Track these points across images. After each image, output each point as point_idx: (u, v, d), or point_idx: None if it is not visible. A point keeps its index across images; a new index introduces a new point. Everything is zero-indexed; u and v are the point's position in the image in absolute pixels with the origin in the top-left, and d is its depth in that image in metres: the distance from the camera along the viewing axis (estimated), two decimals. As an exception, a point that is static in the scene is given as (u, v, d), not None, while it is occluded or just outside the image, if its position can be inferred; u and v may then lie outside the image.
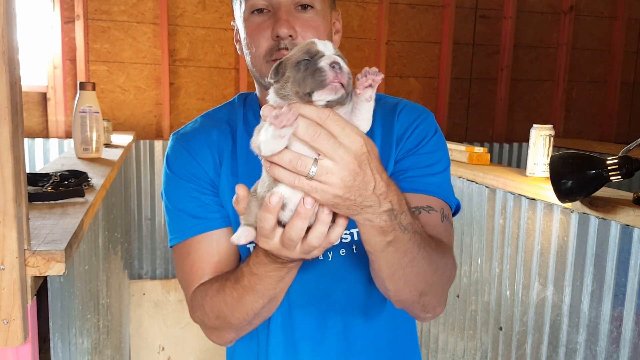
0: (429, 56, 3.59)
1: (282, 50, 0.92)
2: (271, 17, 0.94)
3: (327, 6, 0.99)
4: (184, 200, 0.98)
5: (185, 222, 0.97)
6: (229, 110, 1.06)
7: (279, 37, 0.92)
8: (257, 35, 0.94)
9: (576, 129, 3.94)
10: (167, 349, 3.13)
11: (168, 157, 1.02)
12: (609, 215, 1.48)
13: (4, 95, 0.84)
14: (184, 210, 0.98)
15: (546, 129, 1.83)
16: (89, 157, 1.99)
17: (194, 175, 0.99)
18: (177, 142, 1.02)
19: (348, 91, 0.70)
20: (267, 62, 0.94)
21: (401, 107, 1.03)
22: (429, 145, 1.00)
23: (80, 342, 1.31)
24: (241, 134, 1.02)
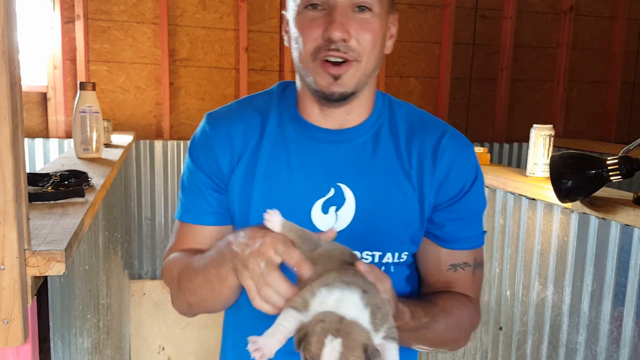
0: (429, 56, 3.59)
1: (331, 51, 0.88)
2: (325, 16, 0.88)
3: (385, 9, 0.94)
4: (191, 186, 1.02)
5: (185, 206, 1.03)
6: (265, 99, 1.02)
7: (330, 40, 0.88)
8: (308, 32, 0.89)
9: (576, 129, 3.94)
10: (167, 349, 3.13)
11: (194, 139, 1.03)
12: (609, 215, 1.48)
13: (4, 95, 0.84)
14: (188, 196, 1.03)
15: (546, 129, 1.83)
16: (89, 157, 1.99)
17: (207, 167, 1.00)
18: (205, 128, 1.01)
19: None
20: (314, 61, 0.90)
21: (446, 140, 0.99)
22: (471, 192, 0.99)
23: (81, 342, 1.31)
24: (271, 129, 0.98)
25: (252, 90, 3.33)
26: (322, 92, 0.91)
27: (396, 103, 1.03)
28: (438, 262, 1.00)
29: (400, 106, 1.03)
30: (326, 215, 0.94)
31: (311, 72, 0.91)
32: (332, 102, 0.93)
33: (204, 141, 1.01)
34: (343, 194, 0.95)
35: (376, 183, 0.96)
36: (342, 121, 0.97)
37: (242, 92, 3.29)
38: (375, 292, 0.77)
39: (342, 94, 0.91)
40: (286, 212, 0.85)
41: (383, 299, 0.77)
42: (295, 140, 0.97)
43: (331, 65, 0.89)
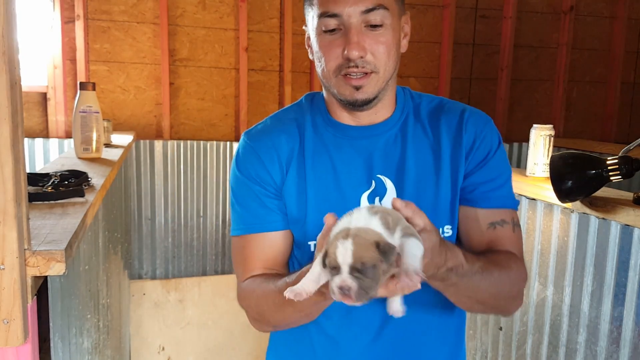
0: (429, 56, 3.59)
1: (351, 68, 0.97)
2: (342, 36, 0.97)
3: (397, 16, 1.04)
4: (248, 199, 1.05)
5: (246, 219, 1.05)
6: (296, 111, 1.10)
7: (349, 59, 0.96)
8: (329, 53, 0.99)
9: (576, 129, 3.94)
10: (167, 349, 3.13)
11: (238, 155, 1.07)
12: (609, 215, 1.48)
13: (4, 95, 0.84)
14: (247, 208, 1.05)
15: (546, 129, 1.83)
16: (89, 157, 1.99)
17: (259, 178, 1.04)
18: (248, 143, 1.07)
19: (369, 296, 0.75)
20: (337, 77, 0.99)
21: (467, 115, 1.09)
22: (497, 156, 1.07)
23: (81, 342, 1.31)
24: (309, 135, 1.06)
25: (252, 90, 3.33)
26: (347, 101, 1.01)
27: (416, 94, 1.13)
28: (477, 223, 1.04)
29: (419, 97, 1.13)
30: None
31: (334, 85, 1.01)
32: (357, 107, 1.02)
33: (250, 155, 1.05)
34: (384, 184, 1.03)
35: (412, 169, 1.04)
36: (371, 119, 1.06)
37: (242, 92, 3.29)
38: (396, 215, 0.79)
39: (365, 100, 1.00)
40: (338, 210, 0.89)
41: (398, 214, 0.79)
42: (333, 141, 1.06)
43: (352, 78, 0.98)
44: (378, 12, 0.97)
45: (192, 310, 3.16)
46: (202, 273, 3.31)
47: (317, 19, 0.99)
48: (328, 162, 1.04)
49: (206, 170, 3.28)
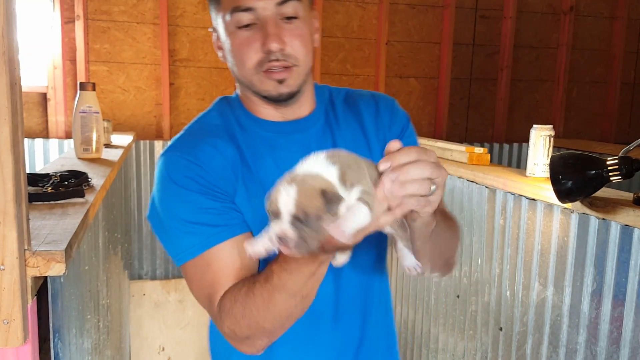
0: (429, 56, 3.59)
1: (272, 61, 0.96)
2: (259, 31, 0.96)
3: (308, 11, 1.02)
4: (198, 212, 0.95)
5: (203, 234, 0.94)
6: (217, 117, 1.06)
7: (269, 51, 0.95)
8: (247, 49, 0.97)
9: (576, 129, 3.94)
10: (167, 349, 3.13)
11: (170, 173, 0.97)
12: (609, 216, 1.48)
13: (4, 96, 0.84)
14: (200, 222, 0.95)
15: (546, 129, 1.83)
16: (89, 158, 1.99)
17: (208, 184, 0.96)
18: (179, 156, 0.98)
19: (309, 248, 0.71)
20: (258, 74, 0.98)
21: (378, 98, 1.13)
22: (409, 129, 1.13)
23: (81, 343, 1.31)
24: (242, 139, 1.02)
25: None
26: (272, 96, 1.00)
27: (334, 89, 1.15)
28: None
29: (338, 91, 1.15)
30: None
31: (256, 82, 0.99)
32: (282, 102, 1.02)
33: (188, 166, 0.96)
34: None
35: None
36: (296, 114, 1.06)
37: (242, 93, 3.28)
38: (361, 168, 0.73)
39: (290, 93, 1.00)
40: None
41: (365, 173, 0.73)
42: (268, 140, 1.03)
43: (274, 72, 0.98)
44: (291, 3, 0.96)
45: (192, 310, 3.16)
46: (202, 273, 3.30)
47: (229, 15, 0.96)
48: (271, 162, 1.01)
49: (206, 170, 3.27)
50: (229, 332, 0.93)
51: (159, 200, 0.98)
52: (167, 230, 0.98)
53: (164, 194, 0.97)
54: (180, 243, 0.96)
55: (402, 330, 2.73)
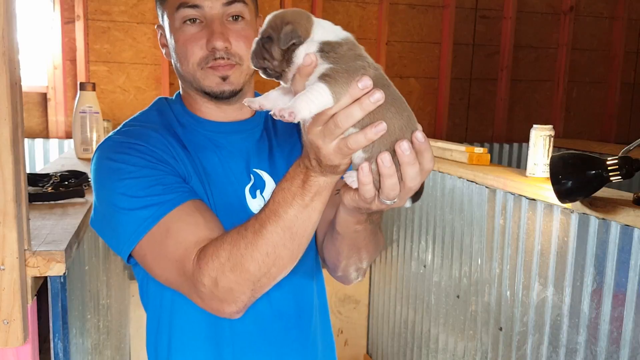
0: (429, 56, 3.59)
1: (218, 59, 0.97)
2: (204, 28, 0.97)
3: (254, 13, 1.05)
4: (150, 186, 0.90)
5: (154, 205, 0.89)
6: (157, 116, 1.05)
7: (214, 49, 0.97)
8: (191, 45, 0.98)
9: (576, 129, 3.94)
10: (167, 349, 3.12)
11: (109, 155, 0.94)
12: (609, 216, 1.48)
13: (4, 96, 0.84)
14: (149, 195, 0.90)
15: (546, 129, 1.83)
16: (89, 158, 1.99)
17: (155, 159, 0.94)
18: (118, 140, 0.96)
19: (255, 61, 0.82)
20: (202, 69, 0.99)
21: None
22: None
23: (81, 343, 1.31)
24: (183, 135, 1.02)
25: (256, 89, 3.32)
26: (214, 93, 1.00)
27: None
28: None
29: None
30: (255, 199, 1.03)
31: (200, 78, 0.99)
32: (224, 99, 1.02)
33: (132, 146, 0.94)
34: (262, 178, 1.05)
35: (281, 161, 1.07)
36: (237, 116, 1.07)
37: (242, 93, 3.28)
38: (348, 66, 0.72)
39: (232, 91, 1.01)
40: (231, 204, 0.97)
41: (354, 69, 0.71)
42: (211, 139, 1.03)
43: (218, 68, 0.99)
44: (238, 5, 0.99)
45: (192, 310, 3.15)
46: (202, 273, 3.30)
47: (175, 11, 0.97)
48: (215, 157, 1.01)
49: (206, 170, 3.28)
50: (209, 285, 0.84)
51: (98, 190, 0.94)
52: (111, 219, 0.91)
53: (104, 179, 0.92)
54: (129, 223, 0.89)
55: (402, 330, 2.73)
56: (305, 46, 0.72)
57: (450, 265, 2.29)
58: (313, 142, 0.73)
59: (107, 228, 0.94)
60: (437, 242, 2.39)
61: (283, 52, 0.73)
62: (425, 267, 2.49)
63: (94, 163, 0.96)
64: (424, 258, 2.49)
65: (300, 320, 1.08)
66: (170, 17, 0.99)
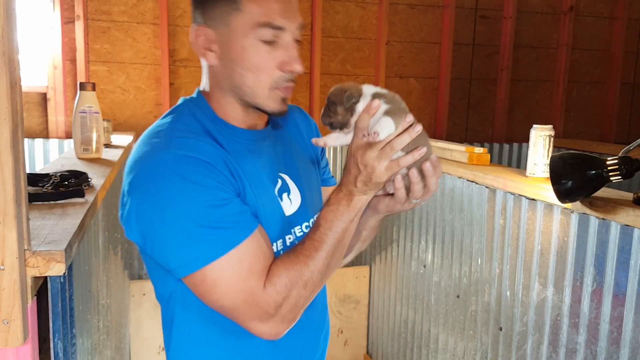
0: (429, 56, 3.59)
1: (289, 82, 1.01)
2: (279, 49, 0.98)
3: None
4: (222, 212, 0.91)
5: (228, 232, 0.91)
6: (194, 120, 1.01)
7: (292, 72, 1.00)
8: (268, 66, 0.98)
9: (576, 129, 3.94)
10: (167, 349, 3.12)
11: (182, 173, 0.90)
12: (609, 216, 1.48)
13: (4, 96, 0.84)
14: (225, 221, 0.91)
15: (546, 129, 1.83)
16: (89, 158, 1.99)
17: (223, 181, 0.94)
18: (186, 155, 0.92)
19: (330, 120, 1.03)
20: (272, 91, 1.00)
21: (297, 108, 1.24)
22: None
23: (81, 343, 1.31)
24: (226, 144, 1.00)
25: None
26: (275, 112, 1.04)
27: None
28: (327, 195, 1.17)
29: None
30: (283, 202, 1.08)
31: (265, 97, 1.01)
32: (277, 116, 1.08)
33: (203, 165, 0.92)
34: (286, 181, 1.10)
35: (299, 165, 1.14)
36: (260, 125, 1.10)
37: (242, 93, 3.28)
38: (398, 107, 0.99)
39: (287, 110, 1.06)
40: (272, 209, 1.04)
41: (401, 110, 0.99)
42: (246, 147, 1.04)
43: (286, 91, 1.02)
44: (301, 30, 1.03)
45: (192, 310, 3.16)
46: (202, 273, 3.30)
47: (255, 28, 0.96)
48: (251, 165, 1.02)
49: (206, 170, 3.28)
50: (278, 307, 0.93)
51: (163, 203, 0.89)
52: (176, 235, 0.90)
53: (174, 195, 0.89)
54: (197, 246, 0.90)
55: (402, 330, 2.73)
56: (363, 101, 0.98)
57: (450, 265, 2.29)
58: (368, 163, 0.94)
59: (166, 242, 0.91)
60: (437, 242, 2.39)
61: (346, 109, 0.99)
62: (425, 267, 2.49)
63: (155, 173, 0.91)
64: (424, 258, 2.49)
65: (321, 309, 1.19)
66: (242, 30, 0.96)
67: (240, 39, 0.97)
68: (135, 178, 0.92)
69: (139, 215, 0.92)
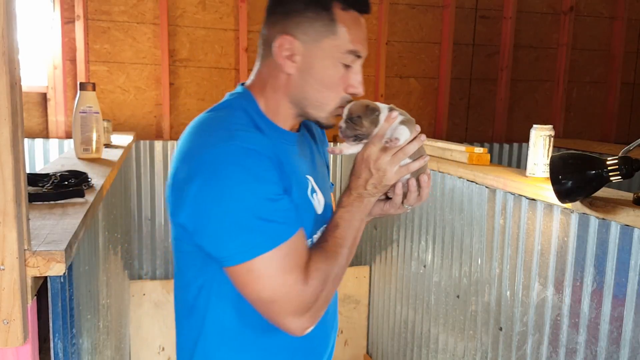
0: (429, 56, 3.59)
1: (347, 101, 1.09)
2: (350, 73, 1.07)
3: None
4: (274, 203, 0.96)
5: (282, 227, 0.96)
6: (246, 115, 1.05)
7: (355, 95, 1.09)
8: (339, 84, 1.07)
9: (576, 129, 3.94)
10: (167, 350, 3.13)
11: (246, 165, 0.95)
12: (609, 216, 1.48)
13: (4, 96, 0.84)
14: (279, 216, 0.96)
15: (546, 129, 1.83)
16: (89, 158, 1.99)
17: (278, 176, 0.99)
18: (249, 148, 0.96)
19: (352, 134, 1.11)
20: (335, 108, 1.09)
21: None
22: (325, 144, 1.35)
23: (81, 343, 1.31)
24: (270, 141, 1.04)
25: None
26: (326, 125, 1.13)
27: None
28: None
29: None
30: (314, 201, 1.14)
31: (327, 112, 1.09)
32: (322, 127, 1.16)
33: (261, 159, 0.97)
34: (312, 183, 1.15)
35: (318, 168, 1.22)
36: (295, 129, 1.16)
37: (242, 93, 3.28)
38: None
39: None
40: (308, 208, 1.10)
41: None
42: (288, 147, 1.11)
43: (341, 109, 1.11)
44: None
45: (192, 310, 3.16)
46: (202, 273, 3.30)
47: (344, 53, 1.05)
48: (295, 165, 1.09)
49: (206, 170, 3.28)
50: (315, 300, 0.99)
51: (234, 195, 0.93)
52: (231, 226, 0.93)
53: (234, 185, 0.93)
54: (251, 237, 0.94)
55: (402, 330, 2.73)
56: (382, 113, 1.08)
57: (450, 265, 2.29)
58: (381, 167, 1.05)
59: (221, 230, 0.94)
60: (437, 242, 2.39)
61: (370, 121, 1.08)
62: (425, 267, 2.49)
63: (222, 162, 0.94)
64: (424, 258, 2.49)
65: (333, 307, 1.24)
66: (331, 51, 1.04)
67: (327, 58, 1.05)
68: (198, 165, 0.95)
69: (197, 201, 0.94)
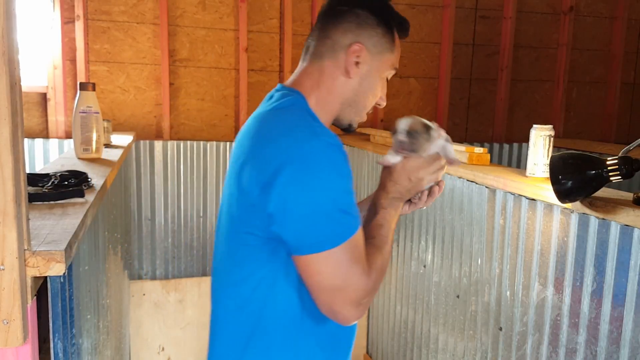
0: (429, 56, 3.59)
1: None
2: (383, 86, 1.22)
3: None
4: (350, 198, 1.04)
5: (354, 218, 1.03)
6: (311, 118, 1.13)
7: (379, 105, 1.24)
8: (377, 96, 1.21)
9: (576, 129, 3.94)
10: (167, 349, 3.13)
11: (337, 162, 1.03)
12: (609, 216, 1.48)
13: (4, 96, 0.84)
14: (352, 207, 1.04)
15: (546, 129, 1.83)
16: (89, 158, 1.99)
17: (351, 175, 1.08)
18: (337, 146, 1.04)
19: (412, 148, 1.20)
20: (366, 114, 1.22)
21: None
22: None
23: (81, 343, 1.31)
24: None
25: (252, 90, 3.33)
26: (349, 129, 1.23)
27: None
28: None
29: None
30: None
31: (362, 117, 1.22)
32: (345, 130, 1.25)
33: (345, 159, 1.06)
34: None
35: None
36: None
37: (242, 93, 3.29)
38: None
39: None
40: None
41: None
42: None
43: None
44: None
45: (192, 310, 3.16)
46: (202, 273, 3.31)
47: (389, 67, 1.19)
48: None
49: (206, 170, 3.28)
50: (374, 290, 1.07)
51: (321, 186, 1.00)
52: (317, 215, 1.00)
53: (325, 179, 1.01)
54: (333, 227, 1.00)
55: (402, 330, 2.73)
56: (435, 131, 1.19)
57: (450, 265, 2.29)
58: (423, 178, 1.18)
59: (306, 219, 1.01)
60: (437, 242, 2.39)
61: (427, 138, 1.17)
62: (425, 267, 2.49)
63: (322, 157, 1.02)
64: (424, 258, 2.49)
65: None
66: (385, 65, 1.19)
67: (381, 70, 1.19)
68: (291, 156, 1.01)
69: (286, 189, 0.99)
